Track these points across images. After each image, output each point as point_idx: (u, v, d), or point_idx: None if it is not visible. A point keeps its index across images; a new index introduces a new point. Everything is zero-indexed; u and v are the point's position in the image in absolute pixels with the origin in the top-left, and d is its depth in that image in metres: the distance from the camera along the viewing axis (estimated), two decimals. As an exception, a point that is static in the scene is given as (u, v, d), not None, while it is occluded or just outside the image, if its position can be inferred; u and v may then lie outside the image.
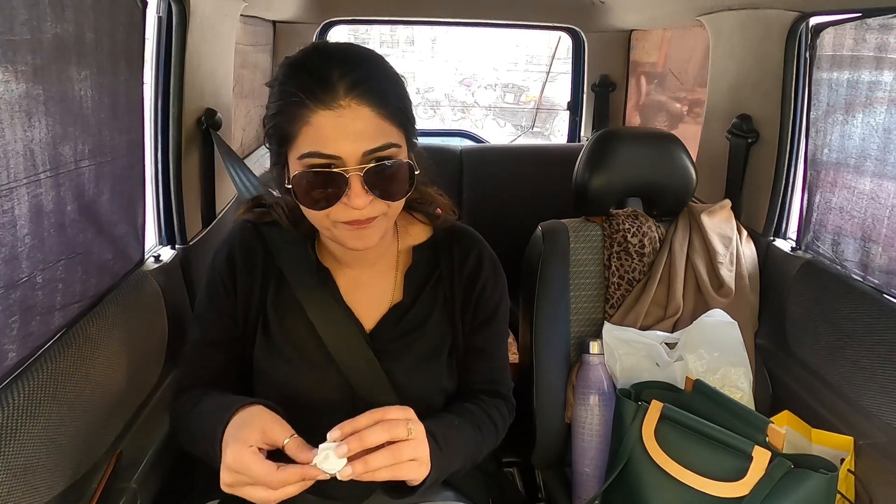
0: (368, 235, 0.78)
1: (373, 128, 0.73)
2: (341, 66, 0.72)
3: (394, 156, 0.75)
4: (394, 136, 0.75)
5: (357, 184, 0.73)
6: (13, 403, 0.70)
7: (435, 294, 0.91)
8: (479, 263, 0.92)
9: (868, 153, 1.10)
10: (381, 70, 0.76)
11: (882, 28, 1.05)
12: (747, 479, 0.91)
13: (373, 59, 0.77)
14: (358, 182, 0.73)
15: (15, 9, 0.68)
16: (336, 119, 0.71)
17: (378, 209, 0.76)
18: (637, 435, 1.00)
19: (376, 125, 0.73)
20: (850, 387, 1.05)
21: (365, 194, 0.73)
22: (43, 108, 0.75)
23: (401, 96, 0.77)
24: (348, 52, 0.76)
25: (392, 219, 0.81)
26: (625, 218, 1.29)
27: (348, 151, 0.72)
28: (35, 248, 0.75)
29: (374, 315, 0.89)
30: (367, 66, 0.75)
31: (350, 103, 0.71)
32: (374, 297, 0.90)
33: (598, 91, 2.38)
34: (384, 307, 0.90)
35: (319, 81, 0.72)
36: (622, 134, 1.34)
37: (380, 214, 0.77)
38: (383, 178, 0.74)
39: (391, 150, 0.74)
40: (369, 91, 0.72)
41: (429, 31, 9.34)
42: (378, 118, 0.73)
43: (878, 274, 1.08)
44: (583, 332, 1.27)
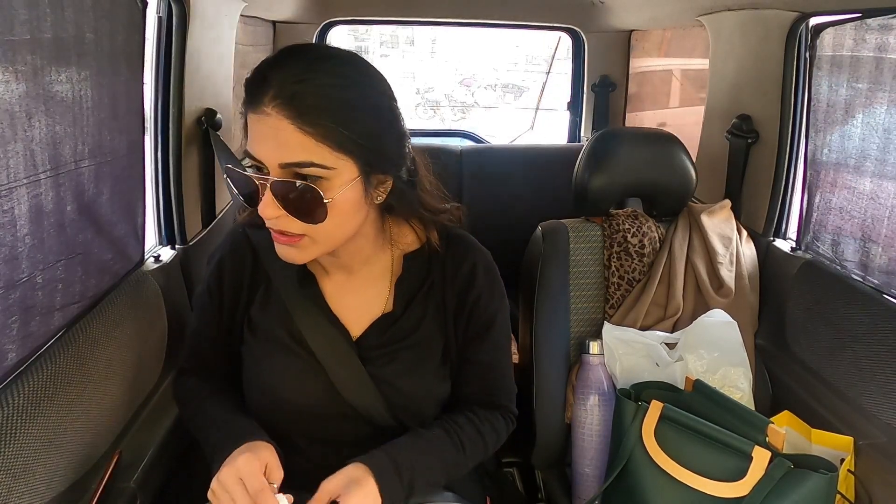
0: (293, 253, 0.78)
1: (293, 141, 0.70)
2: (286, 73, 0.71)
3: (320, 177, 0.72)
4: (320, 157, 0.71)
5: (268, 193, 0.72)
6: (13, 404, 0.70)
7: (426, 303, 0.90)
8: (472, 272, 0.90)
9: (868, 153, 1.10)
10: (339, 87, 0.72)
11: (882, 28, 1.05)
12: (747, 480, 0.91)
13: (339, 75, 0.73)
14: (269, 192, 0.72)
15: (15, 9, 0.68)
16: (258, 124, 0.71)
17: (295, 227, 0.74)
18: (637, 435, 1.00)
19: (297, 140, 0.70)
20: (850, 387, 1.05)
21: (275, 207, 0.72)
22: (43, 108, 0.75)
23: (359, 123, 0.72)
24: (316, 59, 0.73)
25: (325, 243, 0.78)
26: (625, 218, 1.29)
27: (267, 158, 0.71)
28: (35, 248, 0.75)
29: (361, 322, 0.89)
30: (321, 78, 0.71)
31: (272, 111, 0.70)
32: (363, 305, 0.89)
33: (597, 91, 2.38)
34: (373, 315, 0.89)
35: (256, 82, 0.72)
36: (622, 134, 1.34)
37: (302, 234, 0.75)
38: (293, 197, 0.72)
39: (313, 170, 0.71)
40: (296, 103, 0.69)
41: (429, 32, 9.34)
42: (300, 133, 0.70)
43: (877, 274, 1.08)
44: (583, 333, 1.27)
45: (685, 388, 1.07)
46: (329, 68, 0.73)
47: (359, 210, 0.78)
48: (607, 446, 1.14)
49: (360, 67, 0.77)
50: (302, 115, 0.69)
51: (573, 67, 2.49)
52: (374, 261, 0.90)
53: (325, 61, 0.74)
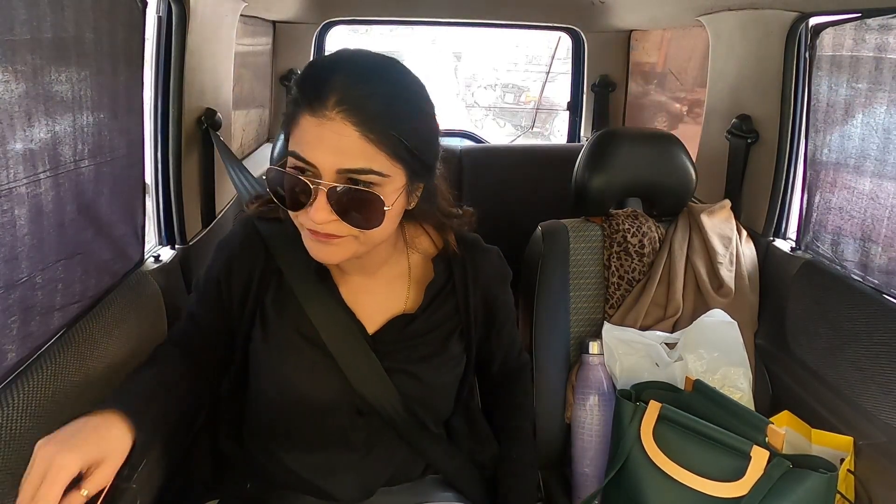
0: (330, 252, 0.77)
1: (355, 148, 0.69)
2: (347, 77, 0.70)
3: (374, 183, 0.71)
4: (379, 164, 0.71)
5: (322, 198, 0.71)
6: (13, 403, 0.70)
7: (445, 304, 0.91)
8: (494, 276, 0.95)
9: (867, 153, 1.10)
10: (396, 96, 0.72)
11: (882, 28, 1.05)
12: (746, 479, 0.91)
13: (395, 83, 0.74)
14: (323, 197, 0.71)
15: (14, 9, 0.68)
16: (317, 127, 0.69)
17: (344, 230, 0.74)
18: (635, 435, 1.00)
19: (360, 147, 0.69)
20: (850, 387, 1.05)
21: (328, 211, 0.71)
22: (42, 107, 0.75)
23: (414, 132, 0.73)
24: (371, 65, 0.73)
25: (368, 246, 0.78)
26: (624, 218, 1.29)
27: (323, 163, 0.70)
28: (35, 248, 0.75)
29: (376, 319, 0.89)
30: (380, 86, 0.71)
31: (336, 116, 0.69)
32: (379, 304, 0.90)
33: (597, 91, 2.38)
34: (389, 314, 0.89)
35: (315, 86, 0.70)
36: (622, 134, 1.34)
37: (348, 236, 0.75)
38: (349, 202, 0.71)
39: (370, 177, 0.71)
40: (361, 110, 0.69)
41: (429, 31, 9.34)
42: (363, 140, 0.69)
43: (877, 274, 1.08)
44: (582, 333, 1.27)
45: (685, 388, 1.07)
46: (390, 76, 0.74)
47: (399, 215, 0.79)
48: (607, 446, 1.14)
49: (413, 76, 0.77)
50: (367, 122, 0.69)
51: (573, 67, 2.49)
52: (391, 263, 0.90)
53: (386, 69, 0.74)
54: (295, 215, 0.76)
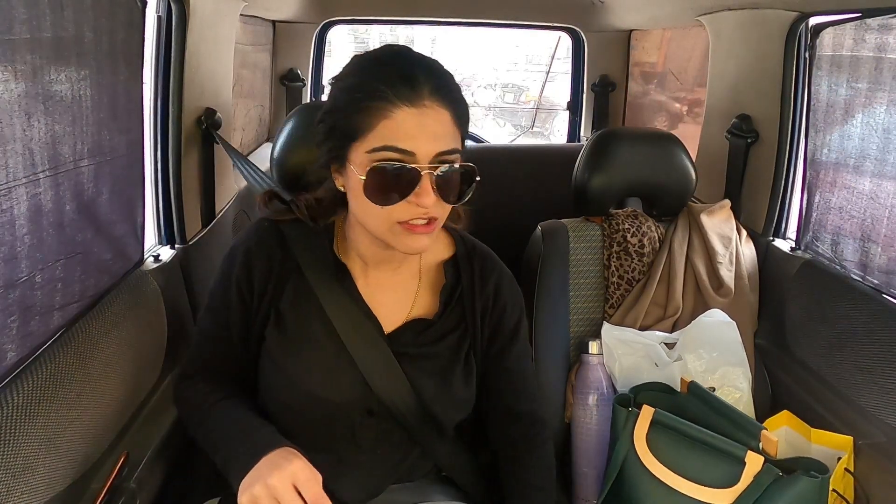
0: (423, 239, 0.79)
1: (448, 130, 0.76)
2: (426, 71, 0.76)
3: (457, 161, 0.78)
4: (460, 143, 0.78)
5: (427, 182, 0.74)
6: (12, 403, 0.70)
7: (456, 310, 0.92)
8: (499, 283, 0.94)
9: (867, 153, 1.10)
10: (455, 84, 0.80)
11: (881, 28, 1.06)
12: (740, 486, 0.91)
13: (449, 74, 0.80)
14: (428, 181, 0.74)
15: (14, 8, 0.68)
16: (417, 117, 0.74)
17: (441, 211, 0.78)
18: (629, 442, 1.00)
19: (451, 129, 0.76)
20: (850, 386, 1.05)
21: (433, 193, 0.75)
22: (42, 107, 0.74)
23: (468, 113, 0.81)
24: (427, 59, 0.80)
25: (440, 225, 0.82)
26: (624, 218, 1.29)
27: (423, 150, 0.74)
28: (34, 247, 0.75)
29: (393, 320, 0.89)
30: (447, 76, 0.79)
31: (433, 104, 0.74)
32: (394, 302, 0.90)
33: (597, 91, 2.38)
34: (403, 314, 0.90)
35: (406, 79, 0.74)
36: (622, 134, 1.34)
37: (438, 217, 0.79)
38: (450, 181, 0.77)
39: (456, 157, 0.77)
40: (450, 96, 0.76)
41: (429, 31, 9.35)
42: (453, 123, 0.76)
43: (877, 274, 1.08)
44: (582, 332, 1.27)
45: (680, 390, 1.07)
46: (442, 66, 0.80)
47: None
48: (607, 446, 1.14)
49: None
50: (455, 107, 0.77)
51: (573, 67, 2.49)
52: (409, 262, 0.91)
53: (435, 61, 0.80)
54: (389, 212, 0.77)
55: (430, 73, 0.76)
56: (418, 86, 0.74)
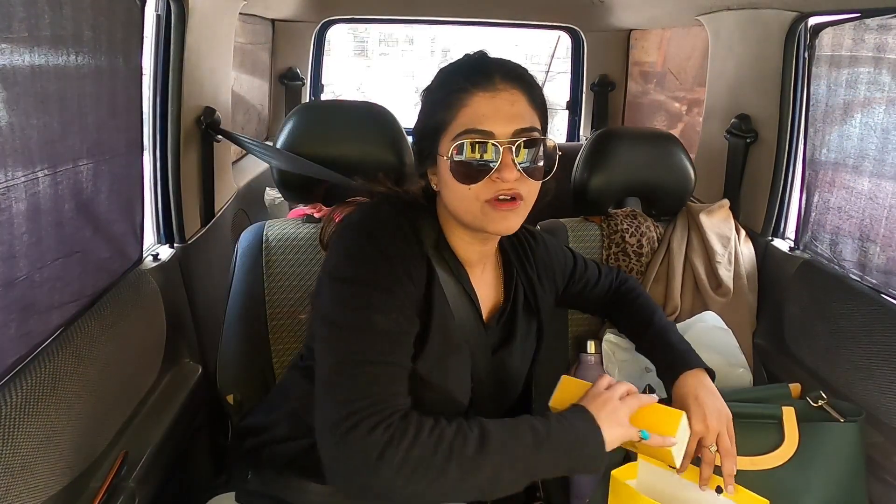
0: (511, 219, 0.82)
1: (523, 110, 0.79)
2: (497, 61, 0.82)
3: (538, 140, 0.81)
4: (538, 124, 0.81)
5: (508, 156, 0.77)
6: (11, 402, 0.70)
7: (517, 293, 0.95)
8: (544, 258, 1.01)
9: (866, 153, 1.10)
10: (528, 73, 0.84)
11: (881, 28, 1.06)
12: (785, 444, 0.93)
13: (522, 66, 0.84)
14: (508, 155, 0.77)
15: (13, 7, 0.68)
16: (491, 100, 0.78)
17: (523, 188, 0.80)
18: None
19: (526, 109, 0.80)
20: (848, 386, 1.05)
21: (514, 168, 0.77)
22: (41, 106, 0.74)
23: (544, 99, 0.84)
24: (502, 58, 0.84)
25: (527, 208, 0.84)
26: (623, 217, 1.29)
27: (501, 128, 0.78)
28: (33, 246, 0.75)
29: (486, 314, 0.93)
30: (519, 66, 0.83)
31: (505, 87, 0.79)
32: (486, 293, 0.94)
33: (597, 90, 2.38)
34: (491, 303, 0.94)
35: (479, 69, 0.80)
36: (621, 133, 1.34)
37: (523, 196, 0.81)
38: (530, 155, 0.79)
39: (536, 135, 0.80)
40: (521, 79, 0.81)
41: (428, 30, 9.33)
42: (527, 104, 0.80)
43: (875, 274, 1.08)
44: (581, 332, 1.27)
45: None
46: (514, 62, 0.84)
47: None
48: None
49: None
50: (528, 87, 0.81)
51: (572, 67, 2.49)
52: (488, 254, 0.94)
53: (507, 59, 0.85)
54: (475, 193, 0.79)
55: (502, 62, 0.82)
56: (490, 73, 0.79)
